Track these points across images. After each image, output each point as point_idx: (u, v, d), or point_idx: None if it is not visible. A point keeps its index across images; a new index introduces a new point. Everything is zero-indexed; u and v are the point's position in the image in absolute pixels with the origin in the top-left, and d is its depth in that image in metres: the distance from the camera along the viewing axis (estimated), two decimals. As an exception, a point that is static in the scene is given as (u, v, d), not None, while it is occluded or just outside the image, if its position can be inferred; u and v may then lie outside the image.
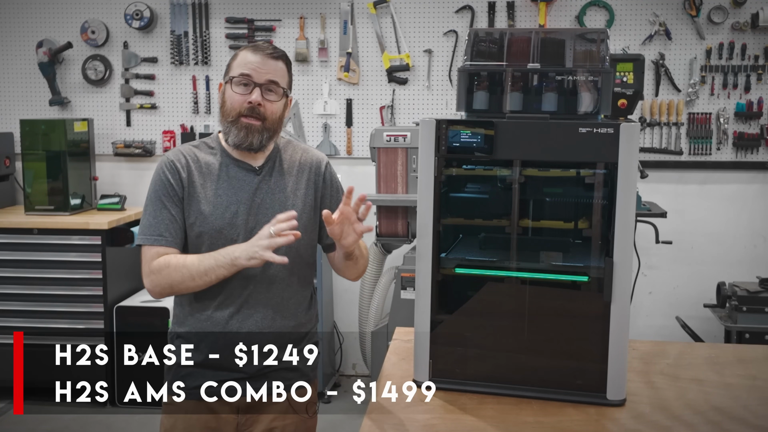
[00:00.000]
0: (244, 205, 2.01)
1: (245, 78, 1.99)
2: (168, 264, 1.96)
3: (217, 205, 2.00)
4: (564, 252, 1.95)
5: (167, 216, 1.99)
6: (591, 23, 4.32)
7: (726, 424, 1.77)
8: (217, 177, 2.03)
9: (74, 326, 4.11)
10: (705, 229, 4.43)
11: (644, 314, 4.46)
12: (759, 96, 4.29)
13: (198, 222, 1.99)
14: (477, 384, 1.91)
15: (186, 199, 2.00)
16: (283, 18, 4.52)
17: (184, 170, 2.01)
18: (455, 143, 1.85)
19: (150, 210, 2.01)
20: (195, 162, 2.03)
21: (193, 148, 2.07)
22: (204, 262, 1.94)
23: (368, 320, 4.12)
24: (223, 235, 1.98)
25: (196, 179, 2.01)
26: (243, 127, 1.99)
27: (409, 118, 4.50)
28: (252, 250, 1.89)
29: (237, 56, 2.04)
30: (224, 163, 2.04)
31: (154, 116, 4.66)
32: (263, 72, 1.99)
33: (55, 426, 3.94)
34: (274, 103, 2.01)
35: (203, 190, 2.01)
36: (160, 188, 2.00)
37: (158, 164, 2.05)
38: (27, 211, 4.30)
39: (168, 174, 2.00)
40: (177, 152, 2.05)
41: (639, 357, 2.18)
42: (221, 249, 1.95)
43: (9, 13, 4.68)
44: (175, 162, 2.02)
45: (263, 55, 2.00)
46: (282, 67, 2.03)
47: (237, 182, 2.03)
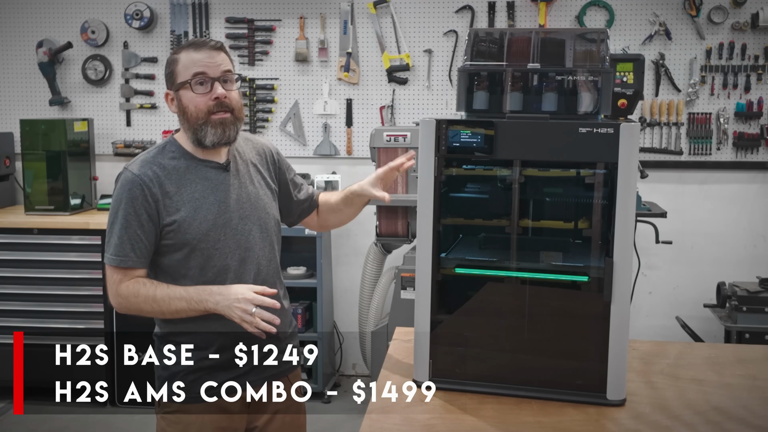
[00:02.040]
0: (224, 203, 2.00)
1: (201, 77, 1.96)
2: (137, 294, 1.94)
3: (198, 209, 1.97)
4: (564, 252, 1.95)
5: (133, 235, 1.93)
6: (591, 23, 4.32)
7: (726, 424, 1.77)
8: (189, 181, 1.99)
9: (74, 326, 4.11)
10: (705, 229, 4.43)
11: (644, 314, 4.45)
12: (759, 96, 4.29)
13: (181, 229, 1.95)
14: (477, 384, 1.91)
15: (162, 211, 1.95)
16: (283, 18, 4.52)
17: (154, 184, 1.95)
18: (455, 143, 1.85)
19: (116, 228, 1.95)
20: (163, 171, 1.97)
21: (155, 157, 2.00)
22: (174, 303, 1.92)
23: (368, 320, 4.12)
24: (210, 237, 1.97)
25: (169, 188, 1.96)
26: (218, 123, 1.96)
27: (409, 118, 4.50)
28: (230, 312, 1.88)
29: (178, 60, 2.00)
30: (192, 166, 2.00)
31: (154, 116, 4.66)
32: (214, 65, 1.97)
33: (55, 426, 3.94)
34: (234, 92, 2.00)
35: (179, 198, 1.96)
36: (127, 206, 1.94)
37: (123, 180, 1.97)
38: (27, 211, 4.30)
39: (137, 191, 1.93)
40: (141, 164, 1.98)
41: (639, 357, 2.18)
42: (193, 291, 1.92)
43: (9, 13, 4.68)
44: (143, 177, 1.94)
45: (208, 49, 1.98)
46: (226, 56, 2.02)
47: (210, 182, 2.01)
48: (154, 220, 1.95)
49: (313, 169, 4.46)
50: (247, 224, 2.03)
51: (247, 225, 2.02)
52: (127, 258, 1.94)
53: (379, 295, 4.10)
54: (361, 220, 4.54)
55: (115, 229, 1.95)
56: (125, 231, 1.94)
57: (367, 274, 4.14)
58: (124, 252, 1.94)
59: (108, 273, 1.98)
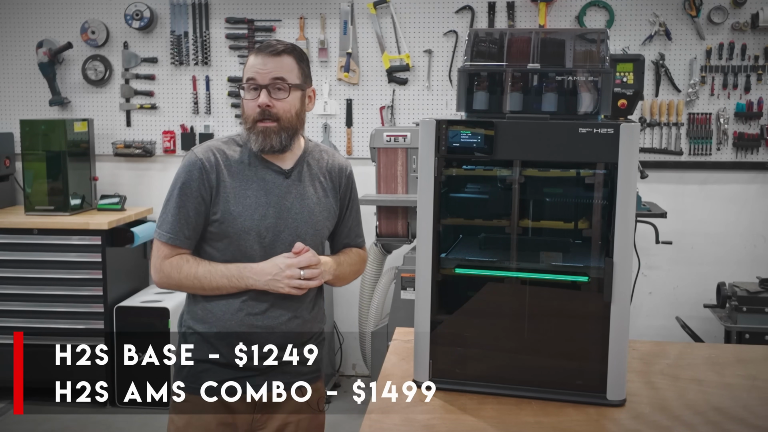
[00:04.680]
0: (273, 208, 2.02)
1: (251, 83, 1.99)
2: (180, 269, 1.99)
3: (246, 206, 2.00)
4: (564, 252, 1.95)
5: (186, 216, 1.99)
6: (591, 23, 4.32)
7: (726, 424, 1.77)
8: (247, 177, 2.02)
9: (74, 326, 4.11)
10: (705, 230, 4.43)
11: (644, 314, 4.45)
12: (759, 96, 4.29)
13: (225, 221, 1.99)
14: (477, 384, 1.91)
15: (213, 198, 1.99)
16: (283, 18, 4.52)
17: (213, 170, 2.00)
18: (455, 143, 1.85)
19: (171, 206, 2.01)
20: (225, 161, 2.02)
21: (222, 146, 2.05)
22: (216, 280, 1.98)
23: (368, 320, 4.12)
24: (250, 236, 2.00)
25: (226, 178, 2.00)
26: (260, 131, 1.99)
27: (409, 118, 4.50)
28: (275, 285, 1.96)
29: (246, 62, 2.03)
30: (253, 164, 2.04)
31: (154, 116, 4.66)
32: (265, 72, 1.98)
33: (55, 426, 3.94)
34: (283, 101, 2.00)
35: (232, 190, 2.00)
36: (185, 186, 1.99)
37: (186, 159, 2.03)
38: (27, 211, 4.30)
39: (195, 173, 1.99)
40: (206, 150, 2.03)
41: (639, 357, 2.18)
42: (234, 267, 1.98)
43: (9, 13, 4.68)
44: (205, 162, 2.00)
45: (264, 55, 1.99)
46: (289, 62, 2.01)
47: (266, 184, 2.03)
48: (207, 204, 1.99)
49: (313, 170, 4.46)
50: (291, 235, 2.03)
51: (291, 236, 2.03)
52: (177, 236, 1.99)
53: (379, 295, 4.10)
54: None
55: (170, 206, 2.01)
56: (179, 210, 1.99)
57: (367, 275, 4.13)
58: (175, 230, 1.99)
59: (156, 247, 2.03)
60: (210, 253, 2.04)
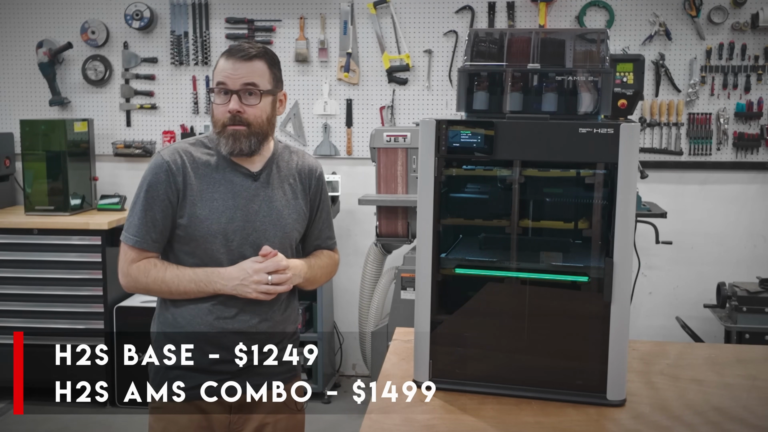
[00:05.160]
0: (241, 211, 2.00)
1: (222, 87, 1.96)
2: (147, 274, 1.97)
3: (213, 210, 1.98)
4: (564, 252, 1.95)
5: (153, 219, 1.98)
6: (591, 23, 4.32)
7: (726, 424, 1.77)
8: (214, 180, 2.00)
9: (74, 326, 4.11)
10: (705, 230, 4.43)
11: (644, 314, 4.45)
12: (759, 96, 4.29)
13: (192, 224, 1.97)
14: (477, 384, 1.91)
15: (180, 201, 1.98)
16: (283, 18, 4.52)
17: (179, 173, 1.97)
18: (455, 143, 1.85)
19: (137, 209, 1.99)
20: (192, 163, 2.00)
21: (189, 147, 2.03)
22: (183, 285, 1.96)
23: (368, 320, 4.12)
24: (217, 240, 1.97)
25: (192, 181, 1.98)
26: (230, 134, 1.97)
27: (409, 118, 4.50)
28: (243, 290, 1.93)
29: (217, 65, 2.00)
30: (221, 166, 2.01)
31: (154, 116, 4.66)
32: (236, 77, 1.95)
33: (55, 426, 3.94)
34: (254, 107, 1.97)
35: (199, 193, 1.98)
36: (151, 189, 1.98)
37: (152, 162, 2.01)
38: (27, 211, 4.30)
39: (162, 176, 1.97)
40: (173, 152, 2.01)
41: (639, 357, 2.18)
42: (201, 272, 1.96)
43: (9, 13, 4.68)
44: (171, 164, 1.98)
45: (235, 60, 1.95)
46: (260, 66, 1.97)
47: (234, 187, 2.01)
48: (174, 206, 1.98)
49: (313, 170, 4.45)
50: (259, 238, 2.01)
51: (259, 239, 2.01)
52: (143, 240, 1.98)
53: (379, 295, 4.10)
54: (361, 220, 4.57)
55: (136, 209, 1.99)
56: (146, 213, 1.98)
57: (367, 275, 4.14)
58: (141, 234, 1.98)
59: (122, 251, 2.01)
60: (178, 256, 2.02)
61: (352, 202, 4.15)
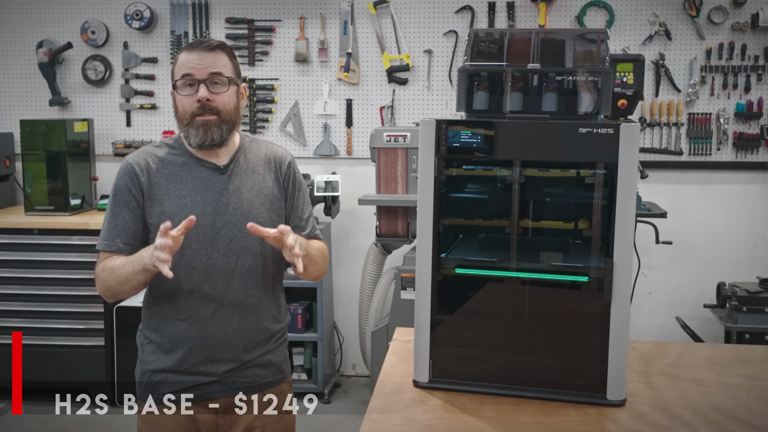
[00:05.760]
0: (210, 205, 2.00)
1: (188, 78, 1.96)
2: (104, 269, 1.98)
3: (182, 206, 1.98)
4: (564, 252, 1.95)
5: (122, 222, 1.99)
6: (591, 23, 4.32)
7: (726, 424, 1.77)
8: (181, 177, 2.01)
9: (74, 326, 4.11)
10: (705, 230, 4.43)
11: (644, 314, 4.45)
12: (759, 96, 4.29)
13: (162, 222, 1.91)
14: (477, 384, 1.91)
15: (146, 201, 1.99)
16: (283, 18, 4.52)
17: (143, 173, 1.99)
18: (455, 143, 1.85)
19: (107, 214, 2.02)
20: (157, 163, 2.01)
21: (154, 149, 2.05)
22: (124, 268, 1.93)
23: (368, 320, 4.12)
24: (189, 235, 1.92)
25: (159, 180, 1.99)
26: (200, 125, 1.97)
27: (409, 118, 4.50)
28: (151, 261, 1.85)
29: (176, 61, 2.01)
30: (188, 163, 2.02)
31: (154, 116, 4.66)
32: (202, 67, 1.96)
33: (55, 426, 3.93)
34: (222, 95, 1.98)
35: (167, 192, 1.99)
36: (117, 193, 2.00)
37: (119, 168, 2.03)
38: (27, 211, 4.30)
39: (126, 178, 2.00)
40: (138, 155, 2.04)
41: (639, 357, 2.18)
42: (136, 253, 1.94)
43: (9, 13, 4.68)
44: (134, 166, 2.00)
45: (199, 51, 1.97)
46: (222, 57, 2.00)
47: (201, 182, 2.01)
48: (141, 207, 1.99)
49: (313, 170, 4.46)
50: (231, 230, 2.00)
51: (231, 231, 2.00)
52: (112, 243, 1.99)
53: (379, 295, 4.10)
54: (361, 220, 4.57)
55: (106, 215, 2.02)
56: (114, 217, 2.00)
57: (367, 275, 4.14)
58: (110, 237, 2.00)
59: (98, 257, 2.03)
60: None
61: (352, 202, 4.15)
